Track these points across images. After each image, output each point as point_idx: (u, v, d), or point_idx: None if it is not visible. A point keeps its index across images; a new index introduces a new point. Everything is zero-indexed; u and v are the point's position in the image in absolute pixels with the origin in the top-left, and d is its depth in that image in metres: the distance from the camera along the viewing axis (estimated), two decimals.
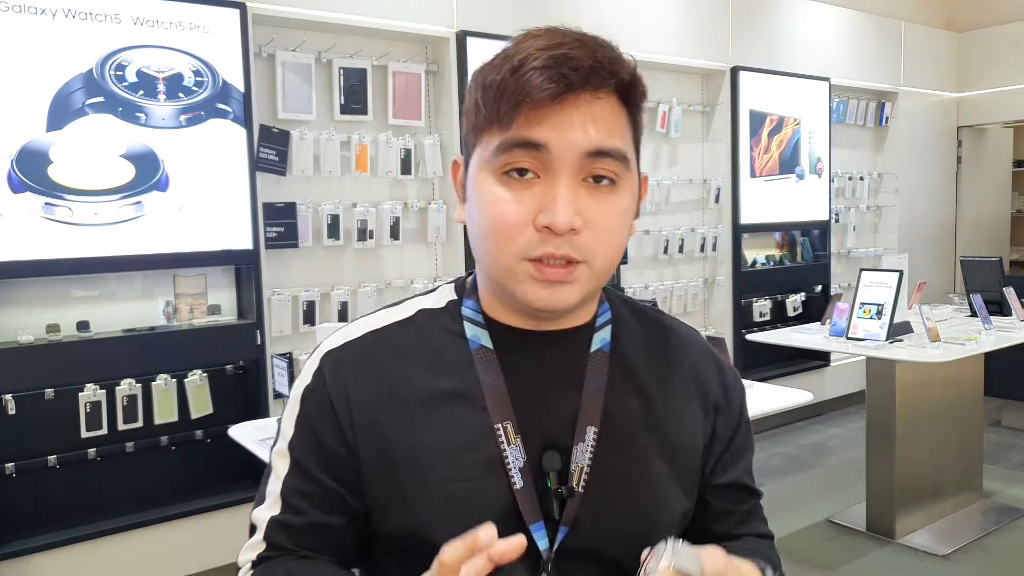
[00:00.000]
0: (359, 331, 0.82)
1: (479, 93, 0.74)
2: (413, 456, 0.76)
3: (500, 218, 0.73)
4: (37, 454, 2.76)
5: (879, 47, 5.61)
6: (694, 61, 4.55)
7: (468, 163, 0.78)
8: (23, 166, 2.60)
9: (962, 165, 6.36)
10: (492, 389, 0.77)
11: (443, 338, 0.81)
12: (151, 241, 2.82)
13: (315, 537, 0.79)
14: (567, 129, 0.71)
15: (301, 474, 0.79)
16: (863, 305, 3.37)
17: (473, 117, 0.76)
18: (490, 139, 0.73)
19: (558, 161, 0.71)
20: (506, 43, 0.76)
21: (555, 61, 0.70)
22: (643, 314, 0.89)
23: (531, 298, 0.74)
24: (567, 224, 0.70)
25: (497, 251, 0.74)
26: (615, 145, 0.73)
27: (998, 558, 3.23)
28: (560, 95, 0.70)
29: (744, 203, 4.74)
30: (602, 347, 0.83)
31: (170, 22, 2.84)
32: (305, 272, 3.35)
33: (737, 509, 0.90)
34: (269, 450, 0.83)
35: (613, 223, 0.74)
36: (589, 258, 0.73)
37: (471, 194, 0.77)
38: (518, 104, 0.70)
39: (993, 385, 4.11)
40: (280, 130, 3.20)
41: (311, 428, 0.79)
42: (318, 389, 0.79)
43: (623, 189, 0.75)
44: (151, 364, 2.91)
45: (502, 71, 0.72)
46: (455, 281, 0.87)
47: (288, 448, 0.80)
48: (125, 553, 2.85)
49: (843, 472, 4.22)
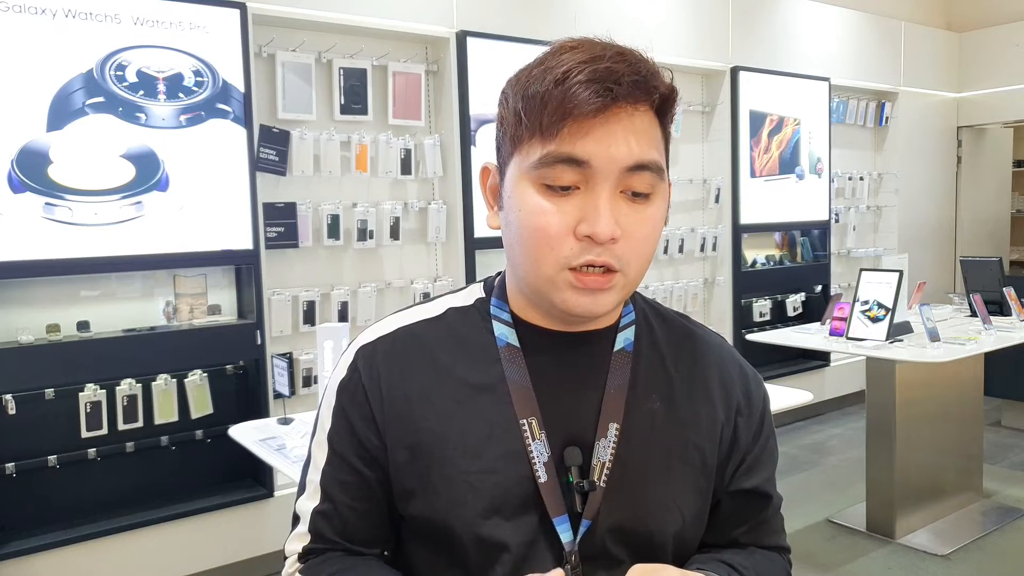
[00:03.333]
0: (391, 327, 0.86)
1: (521, 104, 0.75)
2: (439, 446, 0.79)
3: (543, 228, 0.75)
4: (37, 454, 2.76)
5: (879, 47, 5.62)
6: (694, 61, 4.55)
7: (503, 170, 0.80)
8: (23, 166, 2.60)
9: (962, 165, 6.36)
10: (518, 385, 0.80)
11: (472, 335, 0.84)
12: (151, 241, 2.82)
13: (357, 525, 0.83)
14: (610, 143, 0.73)
15: (339, 463, 0.83)
16: (863, 305, 3.37)
17: (513, 127, 0.77)
18: (531, 149, 0.75)
19: (600, 174, 0.74)
20: (541, 53, 0.78)
21: (599, 75, 0.72)
22: (667, 317, 0.92)
23: (571, 305, 0.76)
24: (609, 234, 0.73)
25: (539, 260, 0.76)
26: (653, 158, 0.76)
27: (998, 558, 3.23)
28: (605, 109, 0.72)
29: (744, 203, 4.74)
30: (625, 347, 0.85)
31: (170, 22, 2.84)
32: (305, 272, 3.35)
33: (750, 518, 0.91)
34: (309, 439, 0.88)
35: (648, 231, 0.78)
36: (625, 267, 0.77)
37: (510, 202, 0.79)
38: (564, 117, 0.72)
39: (993, 385, 4.11)
40: (280, 130, 3.20)
41: (347, 419, 0.82)
42: (353, 381, 0.83)
43: (657, 199, 0.79)
44: (151, 364, 2.91)
45: (545, 82, 0.73)
46: (484, 281, 0.90)
47: (327, 439, 0.84)
48: (125, 553, 2.85)
49: (843, 472, 4.22)
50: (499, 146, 0.81)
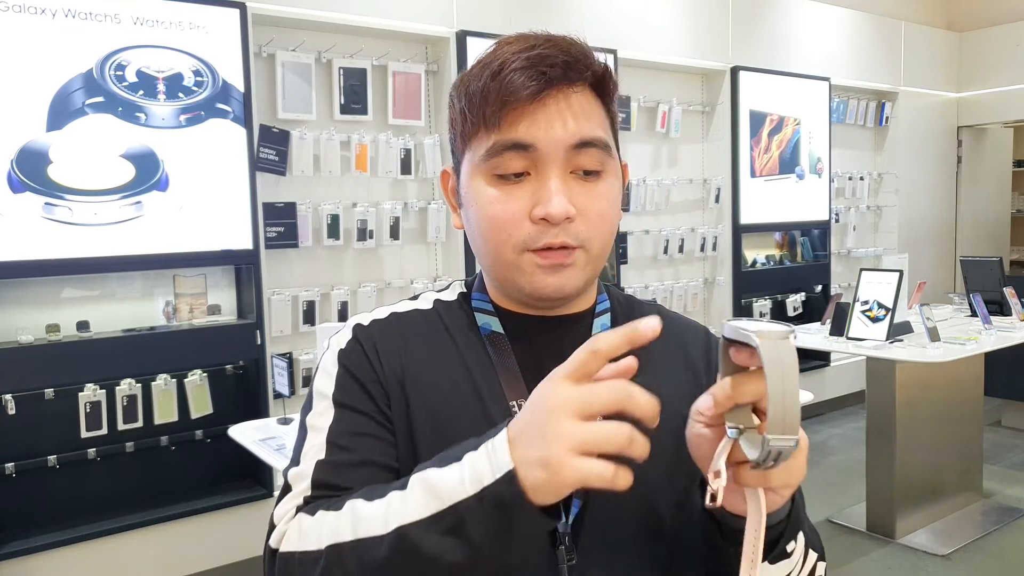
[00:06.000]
0: (384, 313, 0.87)
1: (464, 102, 0.78)
2: (432, 428, 0.79)
3: (498, 216, 0.77)
4: (37, 454, 2.76)
5: (879, 47, 5.61)
6: (694, 61, 4.55)
7: (459, 171, 0.82)
8: (23, 166, 2.60)
9: (962, 165, 6.36)
10: (506, 370, 0.82)
11: (458, 324, 0.86)
12: (151, 241, 2.82)
13: (367, 476, 0.76)
14: (551, 125, 0.75)
15: (350, 416, 0.79)
16: (863, 305, 3.37)
17: (460, 125, 0.80)
18: (479, 143, 0.78)
19: (546, 156, 0.76)
20: (481, 54, 0.80)
21: (532, 61, 0.75)
22: (641, 304, 0.94)
23: (538, 285, 0.78)
24: (562, 213, 0.75)
25: (500, 247, 0.78)
26: (596, 134, 0.77)
27: (998, 558, 3.23)
28: (540, 92, 0.75)
29: (744, 203, 4.74)
30: (603, 331, 0.86)
31: (170, 22, 2.84)
32: (305, 272, 3.35)
33: None
34: (301, 418, 0.83)
35: (603, 208, 0.79)
36: (585, 243, 0.78)
37: (467, 199, 0.81)
38: (503, 105, 0.75)
39: (993, 385, 4.11)
40: (280, 130, 3.20)
41: (354, 378, 0.81)
42: (356, 351, 0.82)
43: (609, 176, 0.80)
44: (151, 364, 2.91)
45: (483, 78, 0.76)
46: (463, 280, 0.92)
47: (332, 401, 0.80)
48: (125, 553, 2.85)
49: (843, 472, 4.22)
50: (453, 148, 0.84)
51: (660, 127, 4.50)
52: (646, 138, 4.51)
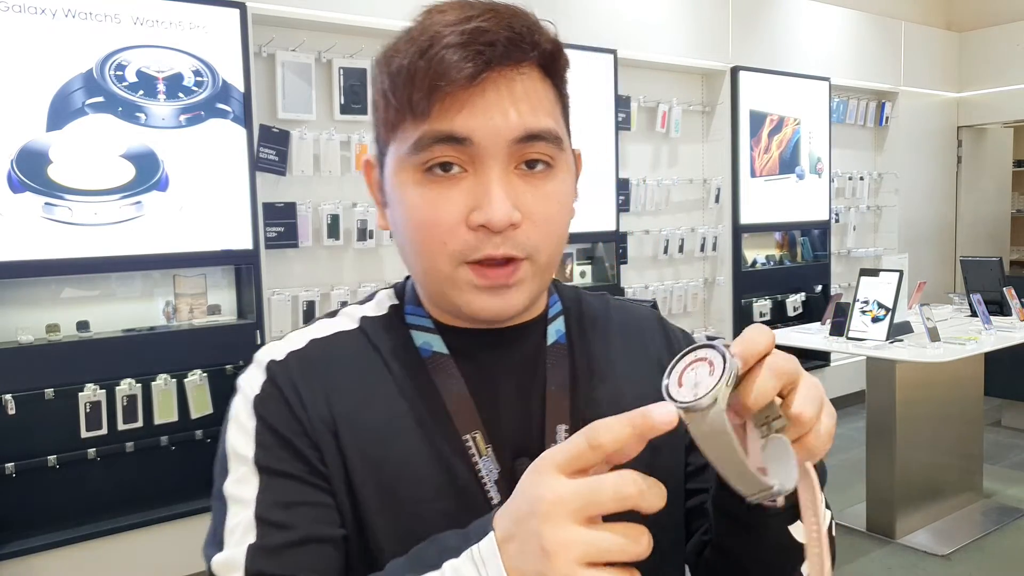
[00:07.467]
0: (301, 341, 0.73)
1: (386, 83, 0.66)
2: (376, 477, 0.67)
3: (429, 220, 0.65)
4: (37, 454, 2.76)
5: (879, 47, 5.61)
6: (694, 61, 4.55)
7: (383, 163, 0.71)
8: (23, 166, 2.60)
9: (962, 165, 6.36)
10: (455, 397, 0.70)
11: (392, 346, 0.73)
12: (151, 241, 2.82)
13: (311, 556, 0.64)
14: (491, 115, 0.63)
15: (279, 483, 0.66)
16: (863, 305, 3.37)
17: (383, 111, 0.68)
18: (405, 134, 0.66)
19: (485, 152, 0.64)
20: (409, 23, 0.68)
21: (469, 37, 0.62)
22: (587, 300, 0.83)
23: (476, 308, 0.67)
24: (505, 220, 0.63)
25: (432, 258, 0.66)
26: (546, 126, 0.66)
27: (998, 558, 3.23)
28: (479, 75, 0.62)
29: (744, 203, 4.74)
30: (558, 339, 0.77)
31: (170, 22, 2.84)
32: (305, 272, 3.35)
33: None
34: (217, 484, 0.68)
35: (554, 211, 0.67)
36: (532, 253, 0.66)
37: (392, 198, 0.69)
38: (433, 90, 0.62)
39: (993, 385, 4.11)
40: (280, 130, 3.20)
41: (276, 434, 0.67)
42: (273, 397, 0.68)
43: (560, 172, 0.68)
44: (151, 364, 2.90)
45: (410, 54, 0.64)
46: (393, 287, 0.79)
47: (255, 465, 0.66)
48: (125, 553, 2.85)
49: (843, 472, 4.21)
50: (376, 136, 0.71)
51: (660, 127, 4.50)
52: (646, 138, 4.51)
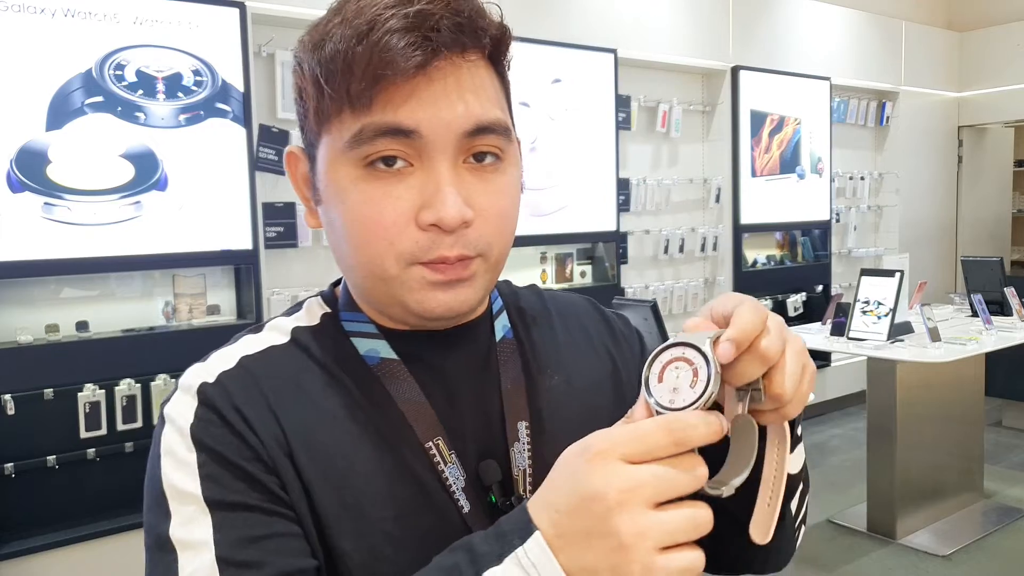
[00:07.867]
0: (231, 360, 0.66)
1: (319, 68, 0.60)
2: (340, 498, 0.62)
3: (373, 220, 0.61)
4: (36, 454, 2.75)
5: (879, 47, 5.61)
6: (694, 61, 4.54)
7: (313, 155, 0.66)
8: (22, 166, 2.60)
9: (963, 165, 6.36)
10: (412, 404, 0.67)
11: (336, 357, 0.68)
12: (150, 241, 2.81)
13: None
14: (440, 106, 0.59)
15: (237, 517, 0.59)
16: (864, 305, 3.37)
17: (315, 100, 0.62)
18: (343, 125, 0.61)
19: (434, 145, 0.60)
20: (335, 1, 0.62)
21: (413, 22, 0.57)
22: (522, 293, 0.82)
23: (430, 306, 0.63)
24: (458, 219, 0.60)
25: (379, 260, 0.62)
26: (495, 117, 0.63)
27: (998, 558, 3.22)
28: (427, 64, 0.58)
29: (744, 203, 4.74)
30: (506, 335, 0.75)
31: (169, 21, 2.83)
32: (304, 272, 3.35)
33: None
34: (151, 534, 0.60)
35: (505, 206, 0.65)
36: (484, 250, 0.64)
37: (328, 195, 0.64)
38: (376, 80, 0.58)
39: (994, 385, 4.11)
40: (280, 130, 3.20)
41: (226, 462, 0.60)
42: (213, 422, 0.61)
43: (509, 164, 0.65)
44: (150, 364, 2.90)
45: (345, 39, 0.58)
46: (320, 295, 0.74)
47: (203, 499, 0.59)
48: (125, 553, 2.84)
49: (843, 472, 4.21)
50: (302, 125, 0.66)
51: (660, 127, 4.50)
52: (646, 138, 4.51)
